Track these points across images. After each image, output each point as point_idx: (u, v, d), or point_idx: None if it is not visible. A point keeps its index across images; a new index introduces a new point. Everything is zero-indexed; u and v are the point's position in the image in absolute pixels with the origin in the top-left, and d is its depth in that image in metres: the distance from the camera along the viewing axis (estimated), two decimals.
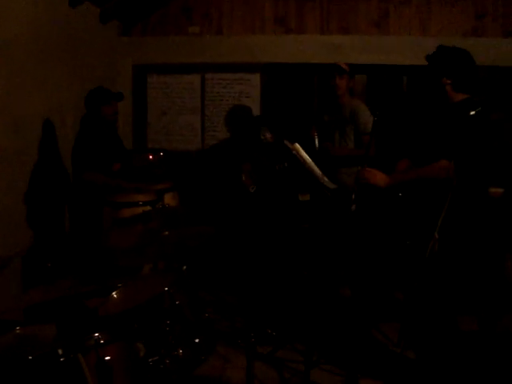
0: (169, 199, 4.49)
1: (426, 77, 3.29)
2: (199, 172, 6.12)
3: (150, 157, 5.68)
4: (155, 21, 6.23)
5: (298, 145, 3.87)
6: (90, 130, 4.56)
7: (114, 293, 2.65)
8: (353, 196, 3.73)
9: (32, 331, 2.05)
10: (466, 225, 2.83)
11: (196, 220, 3.11)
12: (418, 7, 6.00)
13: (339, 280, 4.65)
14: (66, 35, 5.04)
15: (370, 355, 3.75)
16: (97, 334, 1.91)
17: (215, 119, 6.24)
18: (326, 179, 3.90)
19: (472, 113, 2.69)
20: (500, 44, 5.88)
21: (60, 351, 1.75)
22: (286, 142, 3.86)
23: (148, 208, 3.83)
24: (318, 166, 3.91)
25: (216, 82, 6.21)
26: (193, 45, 6.15)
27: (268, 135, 5.25)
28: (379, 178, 3.16)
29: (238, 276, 4.97)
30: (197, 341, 2.66)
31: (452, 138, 2.89)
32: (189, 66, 6.20)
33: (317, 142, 4.74)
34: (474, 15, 5.96)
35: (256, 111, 6.15)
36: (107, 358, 1.87)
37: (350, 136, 4.70)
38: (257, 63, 6.12)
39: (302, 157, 3.76)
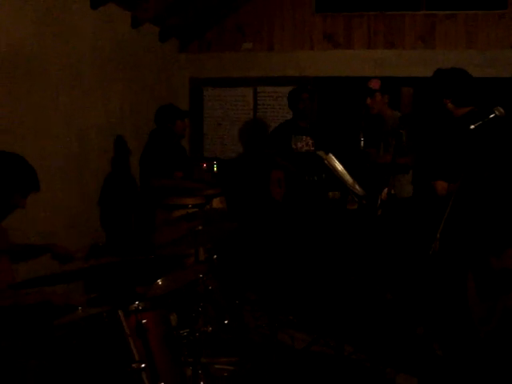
0: (217, 203, 5.11)
1: (430, 99, 3.78)
2: (243, 178, 6.72)
3: (204, 165, 6.31)
4: (211, 38, 6.96)
5: (331, 155, 4.36)
6: (160, 143, 5.19)
7: (158, 280, 3.29)
8: (378, 202, 4.21)
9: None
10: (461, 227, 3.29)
11: (233, 220, 3.69)
12: (465, 21, 6.39)
13: (383, 284, 5.05)
14: (127, 53, 5.80)
15: (406, 353, 4.10)
16: (137, 302, 2.51)
17: (267, 130, 6.83)
18: (357, 187, 4.38)
19: (472, 127, 3.10)
20: None
21: (105, 314, 2.37)
22: (319, 152, 4.37)
23: (195, 210, 4.45)
24: (352, 173, 4.39)
25: (267, 94, 6.84)
26: (246, 60, 6.83)
27: (299, 145, 5.75)
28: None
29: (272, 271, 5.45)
30: (226, 322, 3.23)
31: (454, 153, 3.35)
32: (242, 80, 6.88)
33: (362, 144, 5.15)
34: None
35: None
36: (144, 321, 2.47)
37: (392, 148, 5.11)
38: (306, 77, 6.69)
39: (333, 166, 4.25)
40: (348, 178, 4.34)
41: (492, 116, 3.15)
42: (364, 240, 4.75)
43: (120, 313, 2.29)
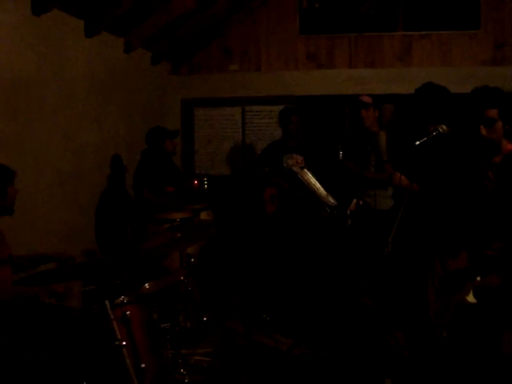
0: (204, 216, 5.70)
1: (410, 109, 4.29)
2: (232, 194, 7.28)
3: (195, 181, 6.89)
4: (200, 60, 7.62)
5: (306, 170, 4.91)
6: (152, 161, 5.86)
7: (146, 284, 3.87)
8: (348, 212, 4.77)
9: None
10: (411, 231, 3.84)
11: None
12: (439, 40, 7.01)
13: (361, 290, 5.53)
14: (121, 77, 6.42)
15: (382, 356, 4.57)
16: (122, 297, 3.07)
17: (255, 147, 7.43)
18: (330, 199, 4.91)
19: (417, 143, 3.65)
20: None
21: (94, 307, 2.93)
22: (294, 168, 4.93)
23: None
24: (330, 186, 4.90)
25: (255, 113, 7.48)
26: (234, 81, 7.47)
27: (290, 162, 6.24)
28: None
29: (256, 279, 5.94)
30: (204, 319, 3.78)
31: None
32: (230, 100, 7.53)
33: (341, 156, 5.61)
34: (493, 45, 6.88)
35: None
36: (128, 312, 3.02)
37: (372, 162, 5.60)
38: (292, 96, 7.30)
39: (306, 180, 4.79)
40: (322, 191, 4.87)
41: (435, 133, 3.70)
42: (339, 247, 5.26)
43: (106, 302, 2.85)
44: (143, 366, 2.98)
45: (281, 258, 5.93)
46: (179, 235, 3.69)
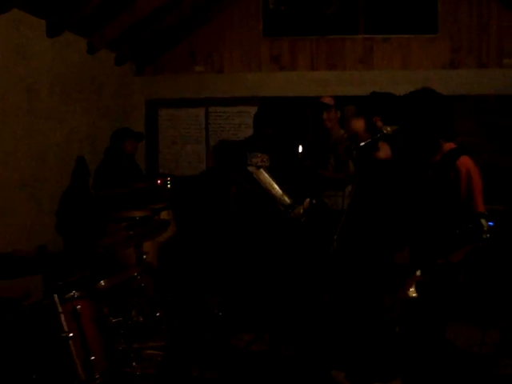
0: (164, 215, 5.85)
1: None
2: (197, 192, 7.47)
3: (159, 181, 7.03)
4: (165, 61, 7.76)
5: (262, 170, 5.09)
6: (110, 160, 6.07)
7: (101, 281, 4.01)
8: (301, 210, 4.95)
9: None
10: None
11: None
12: (399, 43, 7.25)
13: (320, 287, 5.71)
14: (85, 78, 6.53)
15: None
16: (73, 292, 3.21)
17: (218, 148, 7.61)
18: (285, 198, 5.09)
19: (362, 144, 3.86)
20: (474, 75, 7.01)
21: (46, 301, 3.07)
22: (249, 168, 5.10)
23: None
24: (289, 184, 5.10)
25: (218, 114, 7.64)
26: (198, 82, 7.63)
27: (254, 161, 6.43)
28: None
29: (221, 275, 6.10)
30: (158, 314, 3.94)
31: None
32: (194, 101, 7.69)
33: (300, 154, 5.79)
34: (450, 49, 7.15)
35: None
36: (78, 307, 3.17)
37: (332, 162, 5.80)
38: (254, 97, 7.48)
39: (261, 180, 4.97)
40: (277, 190, 5.04)
41: (380, 135, 3.90)
42: (295, 246, 5.46)
43: (55, 296, 3.00)
44: (93, 358, 3.13)
45: (239, 255, 6.11)
46: (131, 233, 3.87)
